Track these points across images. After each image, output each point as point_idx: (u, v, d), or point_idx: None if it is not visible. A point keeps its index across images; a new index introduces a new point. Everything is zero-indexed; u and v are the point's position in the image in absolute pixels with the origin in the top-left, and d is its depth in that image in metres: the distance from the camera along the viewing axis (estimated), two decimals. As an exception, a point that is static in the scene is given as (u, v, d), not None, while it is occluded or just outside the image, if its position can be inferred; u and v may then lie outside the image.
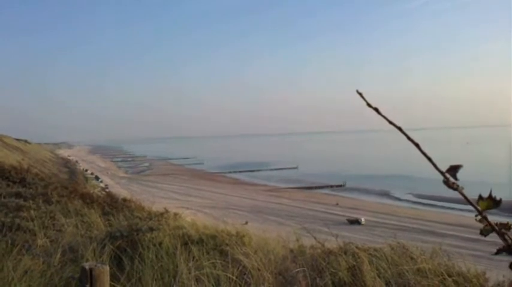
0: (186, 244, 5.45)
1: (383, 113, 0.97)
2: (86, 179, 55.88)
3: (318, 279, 4.64)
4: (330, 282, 4.56)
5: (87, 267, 2.21)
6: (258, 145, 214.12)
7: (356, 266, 4.77)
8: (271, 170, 74.78)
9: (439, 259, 4.94)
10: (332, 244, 5.72)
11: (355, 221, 31.09)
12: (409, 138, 0.97)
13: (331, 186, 53.61)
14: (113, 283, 4.41)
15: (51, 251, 5.27)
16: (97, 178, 61.34)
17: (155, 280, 4.56)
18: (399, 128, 0.97)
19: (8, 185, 10.06)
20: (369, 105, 0.97)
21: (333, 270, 4.75)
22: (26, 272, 4.72)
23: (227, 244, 5.49)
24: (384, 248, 5.33)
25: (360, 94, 0.97)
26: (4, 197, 8.23)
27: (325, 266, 4.84)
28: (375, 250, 5.26)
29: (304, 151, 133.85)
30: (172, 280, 4.59)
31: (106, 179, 61.29)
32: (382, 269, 4.63)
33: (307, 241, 6.00)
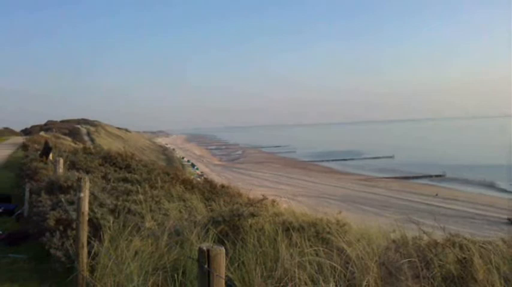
0: (286, 230, 5.46)
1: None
2: (183, 166, 57.97)
3: (424, 270, 4.45)
4: (438, 274, 4.36)
5: (204, 248, 2.27)
6: (349, 133, 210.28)
7: (466, 258, 4.52)
8: (365, 159, 73.18)
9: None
10: (434, 236, 5.46)
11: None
12: None
13: (430, 176, 51.31)
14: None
15: (158, 234, 5.51)
16: (193, 165, 63.52)
17: (258, 264, 4.60)
18: None
19: (115, 171, 10.70)
20: None
21: (440, 262, 4.53)
22: (136, 252, 4.98)
23: (328, 232, 5.43)
24: (496, 241, 5.00)
25: None
26: (113, 182, 8.75)
27: (432, 257, 4.63)
28: (486, 242, 4.94)
29: (398, 139, 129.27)
30: (275, 265, 4.61)
31: (201, 167, 63.28)
32: (496, 264, 4.33)
33: (408, 232, 5.78)
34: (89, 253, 4.98)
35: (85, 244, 4.86)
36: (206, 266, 2.24)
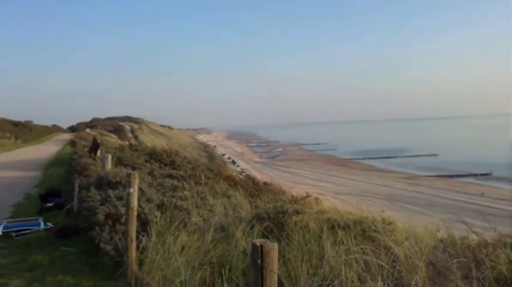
0: (331, 228, 5.43)
1: None
2: (224, 163, 58.39)
3: (474, 271, 4.34)
4: (489, 275, 4.25)
5: (258, 244, 2.30)
6: (389, 130, 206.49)
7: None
8: (409, 157, 71.69)
9: None
10: (482, 236, 5.31)
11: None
12: None
13: (476, 175, 49.80)
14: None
15: (204, 229, 5.59)
16: (234, 162, 63.94)
17: (303, 261, 4.60)
18: None
19: (161, 167, 10.91)
20: None
21: (492, 263, 4.42)
22: (183, 247, 5.07)
23: (374, 230, 5.38)
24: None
25: None
26: (158, 178, 8.93)
27: (483, 258, 4.51)
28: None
29: (440, 137, 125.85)
30: (320, 262, 4.60)
31: (242, 164, 63.61)
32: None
33: (454, 232, 5.65)
34: (137, 247, 5.11)
35: (134, 238, 4.98)
36: (259, 261, 2.27)
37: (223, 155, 77.63)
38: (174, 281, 4.53)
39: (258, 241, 2.31)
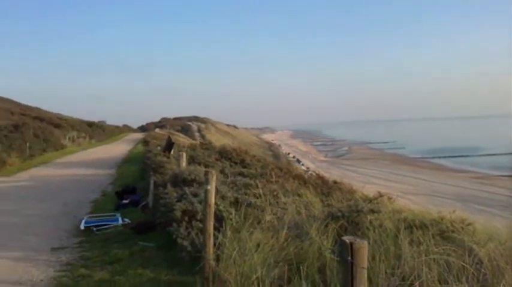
0: (407, 227, 5.33)
1: None
2: (288, 162, 58.35)
3: None
4: None
5: (347, 241, 2.31)
6: (459, 127, 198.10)
7: None
8: (481, 155, 68.59)
9: None
10: None
11: None
12: None
13: (557, 175, 46.97)
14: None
15: (278, 227, 5.64)
16: (298, 161, 63.74)
17: (380, 261, 4.55)
18: None
19: (231, 166, 11.10)
20: None
21: None
22: (258, 244, 5.14)
23: (453, 231, 5.23)
24: None
25: None
26: (229, 176, 9.09)
27: None
28: None
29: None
30: (398, 262, 4.53)
31: (307, 163, 63.30)
32: None
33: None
34: (214, 243, 5.23)
35: (211, 234, 5.11)
36: (349, 258, 2.29)
37: (288, 154, 77.59)
38: (251, 278, 4.60)
39: (347, 239, 2.33)
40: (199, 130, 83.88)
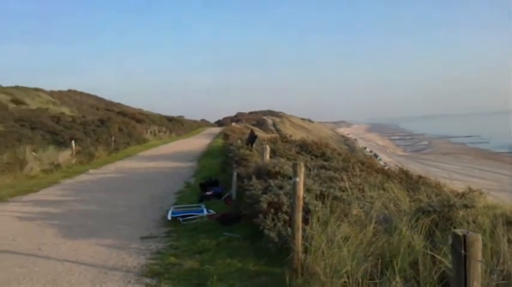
0: (505, 224, 5.08)
1: None
2: (365, 156, 57.23)
3: None
4: None
5: (460, 234, 2.26)
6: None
7: None
8: None
9: None
10: None
11: None
12: None
13: None
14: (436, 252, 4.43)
15: (366, 221, 5.57)
16: (376, 156, 62.41)
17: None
18: None
19: (312, 159, 11.08)
20: None
21: None
22: (346, 238, 5.10)
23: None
24: None
25: None
26: (311, 170, 9.07)
27: None
28: None
29: None
30: (496, 260, 4.34)
31: (384, 157, 61.83)
32: None
33: None
34: (301, 235, 5.25)
35: (300, 226, 5.13)
36: (463, 251, 2.23)
37: (365, 148, 76.22)
38: (340, 271, 4.58)
39: (459, 231, 2.28)
40: (274, 124, 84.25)
